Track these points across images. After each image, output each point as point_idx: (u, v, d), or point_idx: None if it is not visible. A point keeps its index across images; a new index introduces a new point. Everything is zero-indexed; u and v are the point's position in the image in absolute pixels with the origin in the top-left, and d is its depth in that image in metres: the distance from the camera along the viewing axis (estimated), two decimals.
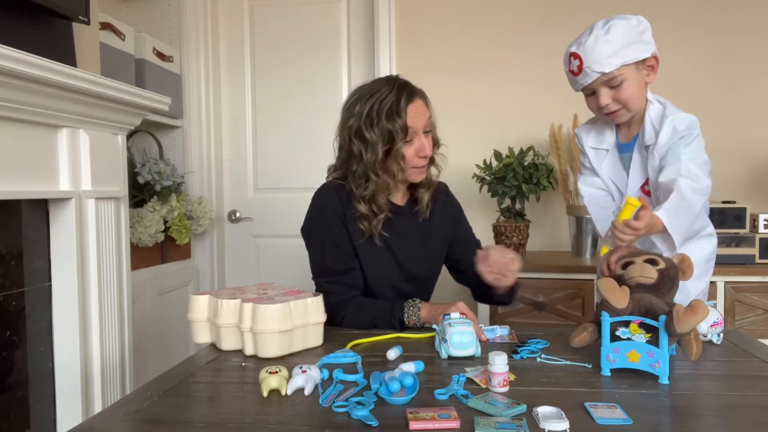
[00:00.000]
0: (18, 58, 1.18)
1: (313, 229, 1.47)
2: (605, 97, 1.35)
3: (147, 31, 2.42)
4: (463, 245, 1.58)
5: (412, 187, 1.52)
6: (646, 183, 1.41)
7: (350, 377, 1.00)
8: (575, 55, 1.34)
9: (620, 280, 1.07)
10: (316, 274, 1.47)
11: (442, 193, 1.58)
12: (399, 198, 1.51)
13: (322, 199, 1.46)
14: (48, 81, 1.29)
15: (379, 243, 1.44)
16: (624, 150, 1.46)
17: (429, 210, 1.51)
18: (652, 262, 1.08)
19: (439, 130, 1.52)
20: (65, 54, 1.51)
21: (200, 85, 2.67)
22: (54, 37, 1.49)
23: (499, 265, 1.30)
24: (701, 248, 1.45)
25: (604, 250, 1.24)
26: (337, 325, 1.40)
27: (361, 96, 1.40)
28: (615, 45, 1.30)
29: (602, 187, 1.52)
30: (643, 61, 1.34)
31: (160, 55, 2.40)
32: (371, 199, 1.40)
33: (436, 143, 1.48)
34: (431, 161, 1.47)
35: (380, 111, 1.34)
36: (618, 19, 1.33)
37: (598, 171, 1.50)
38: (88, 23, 1.55)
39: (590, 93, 1.39)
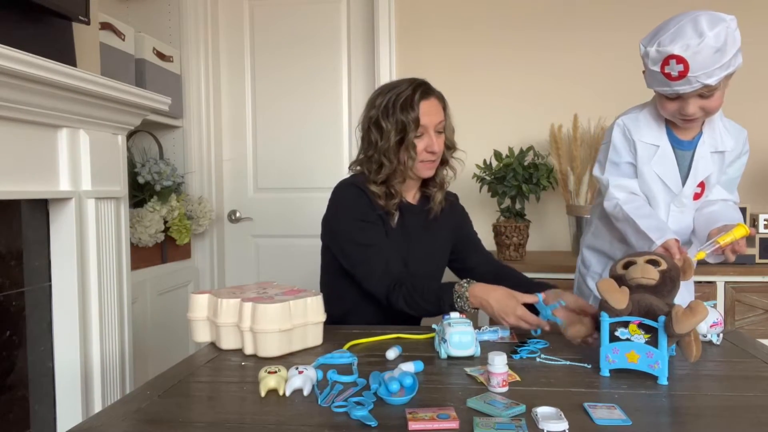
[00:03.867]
0: (18, 58, 1.19)
1: (346, 218, 1.45)
2: (694, 106, 1.24)
3: (147, 31, 2.42)
4: (470, 244, 1.64)
5: (425, 186, 1.57)
6: (699, 184, 1.37)
7: (344, 378, 1.00)
8: (680, 60, 1.17)
9: (621, 281, 1.07)
10: (375, 261, 1.40)
11: (452, 197, 1.67)
12: (411, 196, 1.56)
13: (346, 194, 1.47)
14: (48, 81, 1.29)
15: (394, 234, 1.47)
16: (685, 147, 1.36)
17: (440, 209, 1.56)
18: (654, 263, 1.07)
19: None
20: (65, 54, 1.51)
21: (200, 85, 2.67)
22: (54, 37, 1.49)
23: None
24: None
25: (701, 255, 1.21)
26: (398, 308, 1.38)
27: (383, 90, 1.49)
28: (726, 55, 1.18)
29: (637, 192, 1.41)
30: None
31: (160, 55, 2.40)
32: (385, 182, 1.47)
33: (451, 147, 1.54)
34: (444, 162, 1.54)
35: (396, 103, 1.43)
36: (722, 22, 1.19)
37: (642, 168, 1.38)
38: (88, 23, 1.55)
39: (675, 97, 1.26)
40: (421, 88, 1.45)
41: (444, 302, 1.30)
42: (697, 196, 1.39)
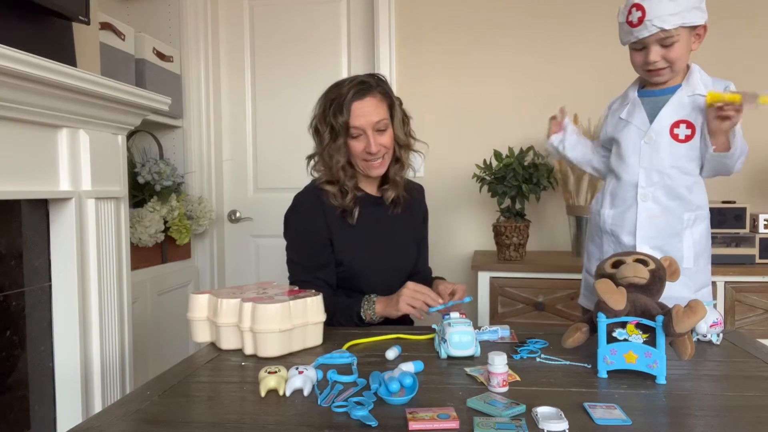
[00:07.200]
0: (18, 58, 1.19)
1: (290, 228, 1.51)
2: (655, 54, 1.40)
3: (147, 31, 2.42)
4: (421, 254, 1.67)
5: (382, 183, 1.58)
6: (676, 125, 1.45)
7: (344, 378, 1.00)
8: (639, 7, 1.38)
9: (612, 280, 1.06)
10: (296, 272, 1.50)
11: (417, 193, 1.67)
12: (372, 189, 1.56)
13: (298, 199, 1.53)
14: (48, 81, 1.29)
15: (357, 230, 1.48)
16: (657, 94, 1.50)
17: (401, 207, 1.56)
18: (643, 262, 1.07)
19: (439, 130, 1.55)
20: (65, 54, 1.51)
21: (200, 85, 2.67)
22: (54, 37, 1.49)
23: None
24: (698, 230, 1.48)
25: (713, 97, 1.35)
26: None
27: (329, 90, 1.49)
28: (679, 5, 1.36)
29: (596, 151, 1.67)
30: (695, 27, 1.41)
31: (160, 55, 2.40)
32: (336, 182, 1.48)
33: (405, 145, 1.52)
34: (396, 160, 1.52)
35: (330, 106, 1.44)
36: None
37: (615, 123, 1.56)
38: (88, 23, 1.55)
39: (640, 48, 1.43)
40: (356, 88, 1.42)
41: (353, 311, 1.38)
42: (677, 137, 1.45)
